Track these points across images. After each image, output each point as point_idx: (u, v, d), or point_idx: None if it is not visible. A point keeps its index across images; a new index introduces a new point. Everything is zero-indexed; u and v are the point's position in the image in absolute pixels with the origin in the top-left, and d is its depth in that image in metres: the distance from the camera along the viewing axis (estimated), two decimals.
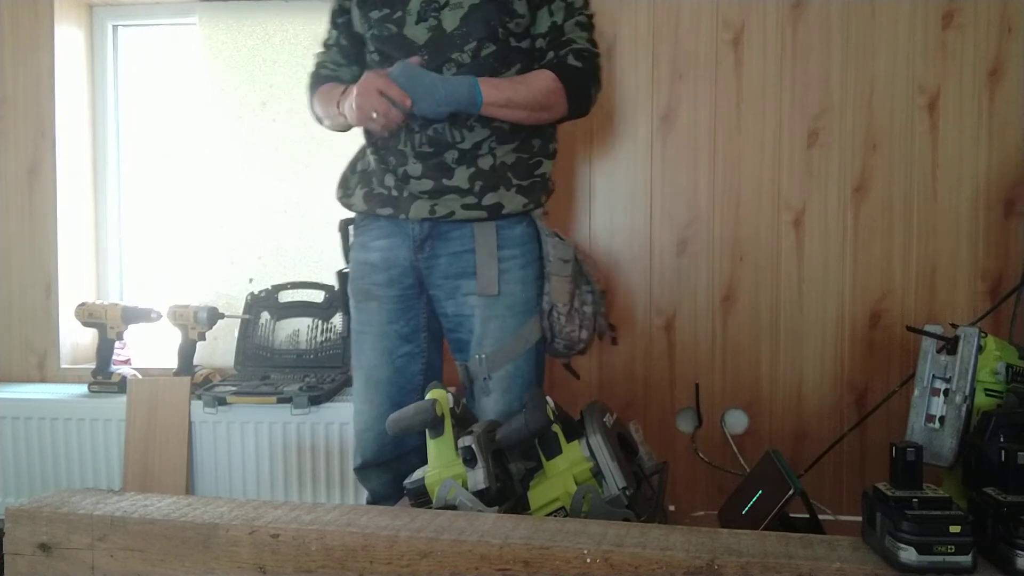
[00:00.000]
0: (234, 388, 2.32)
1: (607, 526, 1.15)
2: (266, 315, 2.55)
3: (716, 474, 2.41)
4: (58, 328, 2.64)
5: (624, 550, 1.05)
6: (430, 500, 1.36)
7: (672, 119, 2.45)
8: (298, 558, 1.13)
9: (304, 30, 2.56)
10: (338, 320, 2.52)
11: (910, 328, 1.70)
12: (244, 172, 2.60)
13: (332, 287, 2.52)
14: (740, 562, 1.01)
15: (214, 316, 2.43)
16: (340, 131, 1.74)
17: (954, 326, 1.61)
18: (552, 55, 1.60)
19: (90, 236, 2.75)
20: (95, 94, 2.75)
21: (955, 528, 0.97)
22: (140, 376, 2.46)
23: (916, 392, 1.62)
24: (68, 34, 2.65)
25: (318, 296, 2.54)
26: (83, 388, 2.47)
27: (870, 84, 2.36)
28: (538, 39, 1.61)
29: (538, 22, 1.60)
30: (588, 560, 1.04)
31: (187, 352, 2.43)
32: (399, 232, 1.64)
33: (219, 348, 2.59)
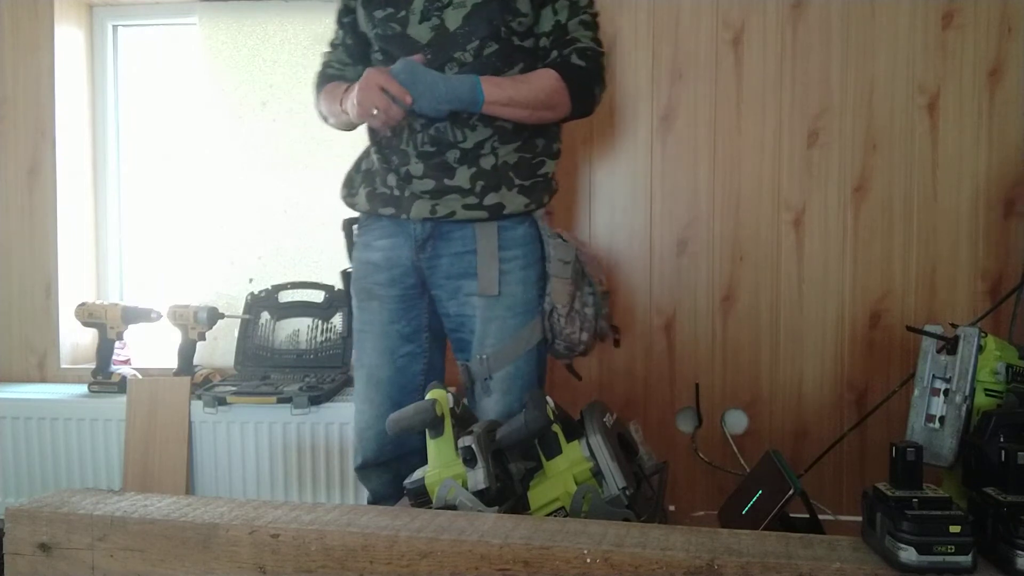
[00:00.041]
0: (234, 388, 2.32)
1: (607, 526, 1.14)
2: (266, 315, 2.55)
3: (716, 474, 2.42)
4: (58, 328, 2.64)
5: (624, 550, 1.05)
6: (430, 500, 1.36)
7: (672, 119, 2.45)
8: (298, 558, 1.13)
9: (304, 30, 2.56)
10: (338, 320, 2.52)
11: (910, 328, 1.70)
12: (244, 172, 2.60)
13: (332, 287, 2.53)
14: (740, 562, 1.01)
15: (214, 316, 2.43)
16: (345, 130, 1.73)
17: (954, 326, 1.61)
18: (556, 54, 1.59)
19: (90, 236, 2.75)
20: (95, 94, 2.75)
21: (955, 528, 0.97)
22: (140, 376, 2.46)
23: (916, 392, 1.62)
24: (68, 34, 2.65)
25: (318, 296, 2.55)
26: (83, 388, 2.47)
27: (870, 84, 2.36)
28: (542, 38, 1.60)
29: (542, 21, 1.59)
30: (588, 560, 1.04)
31: (187, 352, 2.43)
32: (401, 232, 1.64)
33: (219, 348, 2.59)
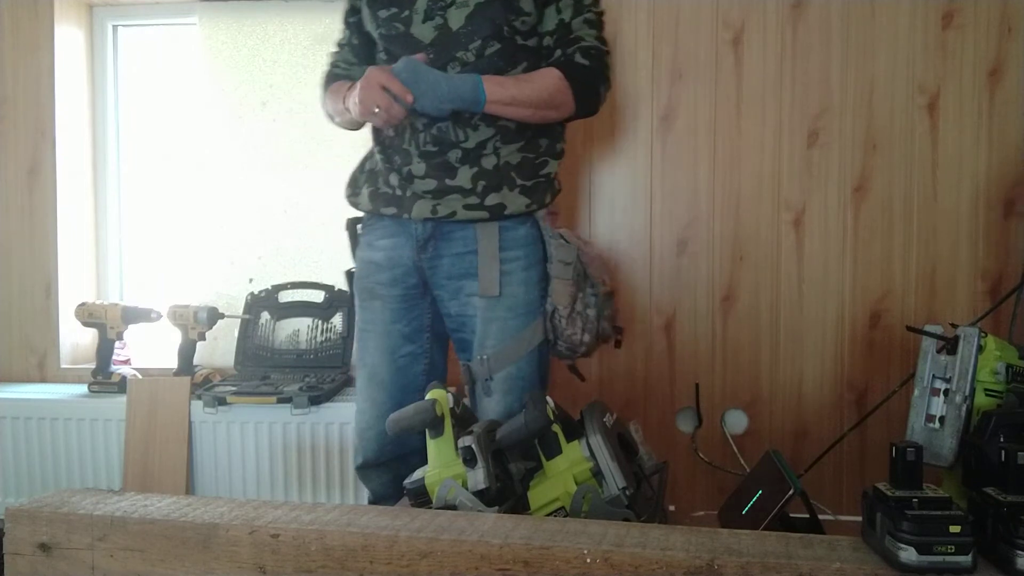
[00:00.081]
0: (234, 388, 2.32)
1: (607, 526, 1.14)
2: (266, 315, 2.55)
3: (716, 474, 2.41)
4: (58, 328, 2.64)
5: (624, 550, 1.04)
6: (430, 500, 1.36)
7: (672, 119, 2.45)
8: (298, 558, 1.13)
9: (304, 30, 2.56)
10: (338, 320, 2.52)
11: (910, 328, 1.70)
12: (244, 172, 2.60)
13: (332, 287, 2.53)
14: (740, 562, 1.01)
15: (214, 316, 2.43)
16: (350, 129, 1.73)
17: (954, 326, 1.61)
18: (560, 53, 1.58)
19: (90, 236, 2.75)
20: (95, 94, 2.75)
21: (955, 528, 0.97)
22: (140, 376, 2.46)
23: (916, 392, 1.62)
24: (68, 34, 2.65)
25: (318, 296, 2.55)
26: (83, 388, 2.47)
27: (870, 84, 2.36)
28: (546, 37, 1.59)
29: (545, 20, 1.58)
30: (588, 560, 1.04)
31: (187, 352, 2.43)
32: (403, 232, 1.63)
33: (219, 348, 2.59)
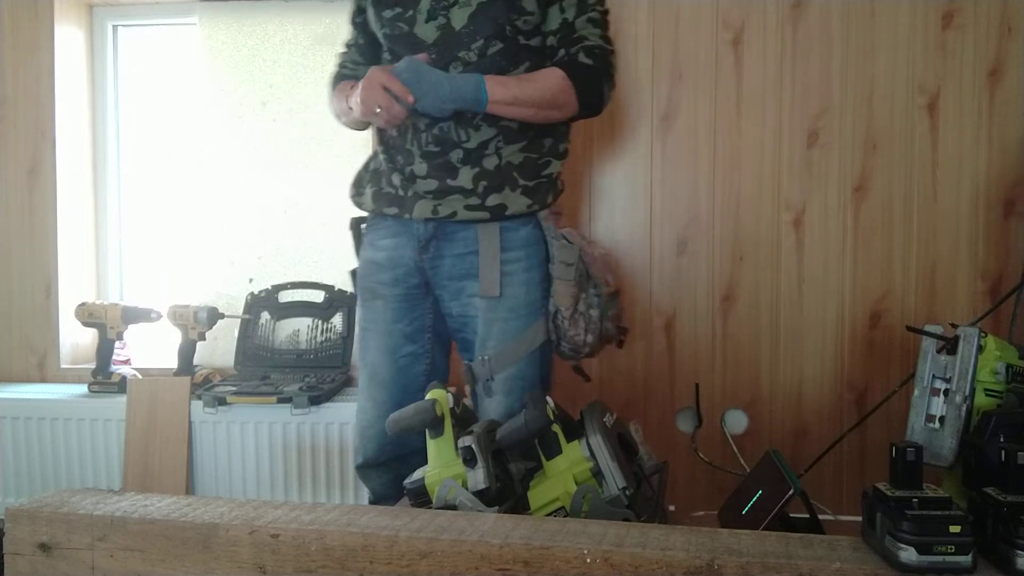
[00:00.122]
0: (234, 388, 2.32)
1: (607, 526, 1.14)
2: (266, 315, 2.55)
3: (716, 474, 2.41)
4: (58, 328, 2.64)
5: (624, 550, 1.04)
6: (430, 500, 1.36)
7: (672, 119, 2.45)
8: (298, 558, 1.13)
9: (304, 30, 2.56)
10: (338, 320, 2.52)
11: (910, 328, 1.70)
12: (244, 172, 2.60)
13: (332, 287, 2.53)
14: (740, 562, 1.01)
15: (214, 316, 2.43)
16: (357, 128, 1.73)
17: (954, 326, 1.61)
18: (563, 52, 1.57)
19: (90, 236, 2.75)
20: (95, 94, 2.75)
21: (955, 528, 0.97)
22: (140, 376, 2.46)
23: (916, 392, 1.62)
24: (68, 34, 2.65)
25: (318, 296, 2.55)
26: (83, 388, 2.47)
27: (870, 84, 2.36)
28: (549, 36, 1.59)
29: (549, 19, 1.58)
30: (588, 560, 1.04)
31: (187, 352, 2.43)
32: (405, 232, 1.63)
33: (219, 348, 2.59)
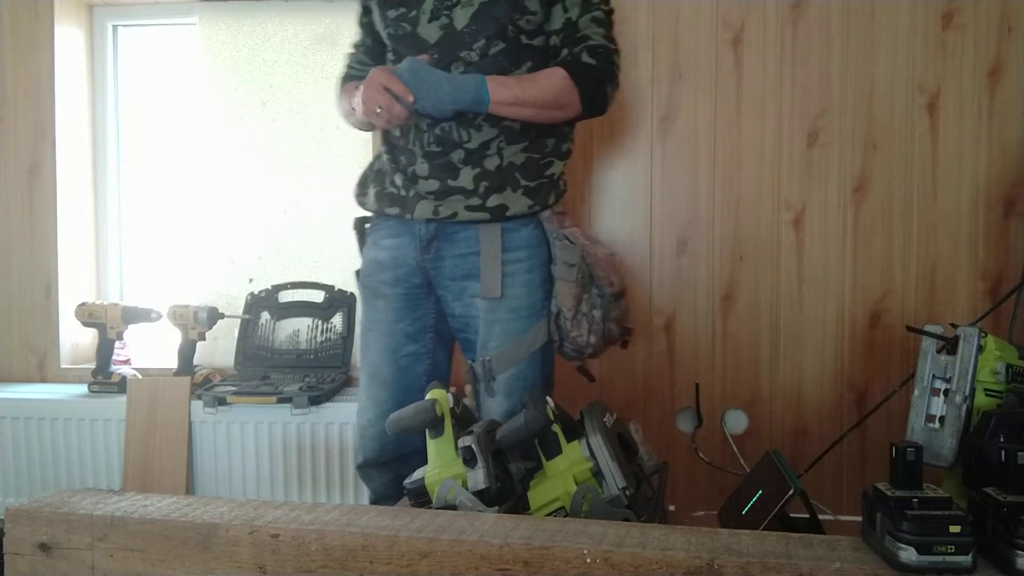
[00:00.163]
0: (234, 388, 2.33)
1: (607, 526, 1.14)
2: (266, 315, 2.55)
3: (716, 474, 2.41)
4: (58, 328, 2.64)
5: (624, 550, 1.04)
6: (430, 500, 1.36)
7: (672, 119, 2.45)
8: (298, 558, 1.13)
9: (304, 30, 2.56)
10: (338, 320, 2.52)
11: (910, 328, 1.69)
12: (244, 172, 2.60)
13: (332, 287, 2.53)
14: (740, 562, 1.01)
15: (214, 316, 2.43)
16: (364, 129, 1.73)
17: (954, 326, 1.61)
18: (566, 52, 1.57)
19: (90, 236, 2.75)
20: (95, 94, 2.75)
21: (955, 528, 0.97)
22: (140, 376, 2.46)
23: (916, 392, 1.62)
24: (68, 34, 2.65)
25: (318, 296, 2.55)
26: (83, 388, 2.47)
27: (870, 84, 2.36)
28: (552, 36, 1.58)
29: (552, 19, 1.57)
30: (588, 560, 1.04)
31: (187, 352, 2.43)
32: (407, 232, 1.63)
33: (219, 348, 2.59)
